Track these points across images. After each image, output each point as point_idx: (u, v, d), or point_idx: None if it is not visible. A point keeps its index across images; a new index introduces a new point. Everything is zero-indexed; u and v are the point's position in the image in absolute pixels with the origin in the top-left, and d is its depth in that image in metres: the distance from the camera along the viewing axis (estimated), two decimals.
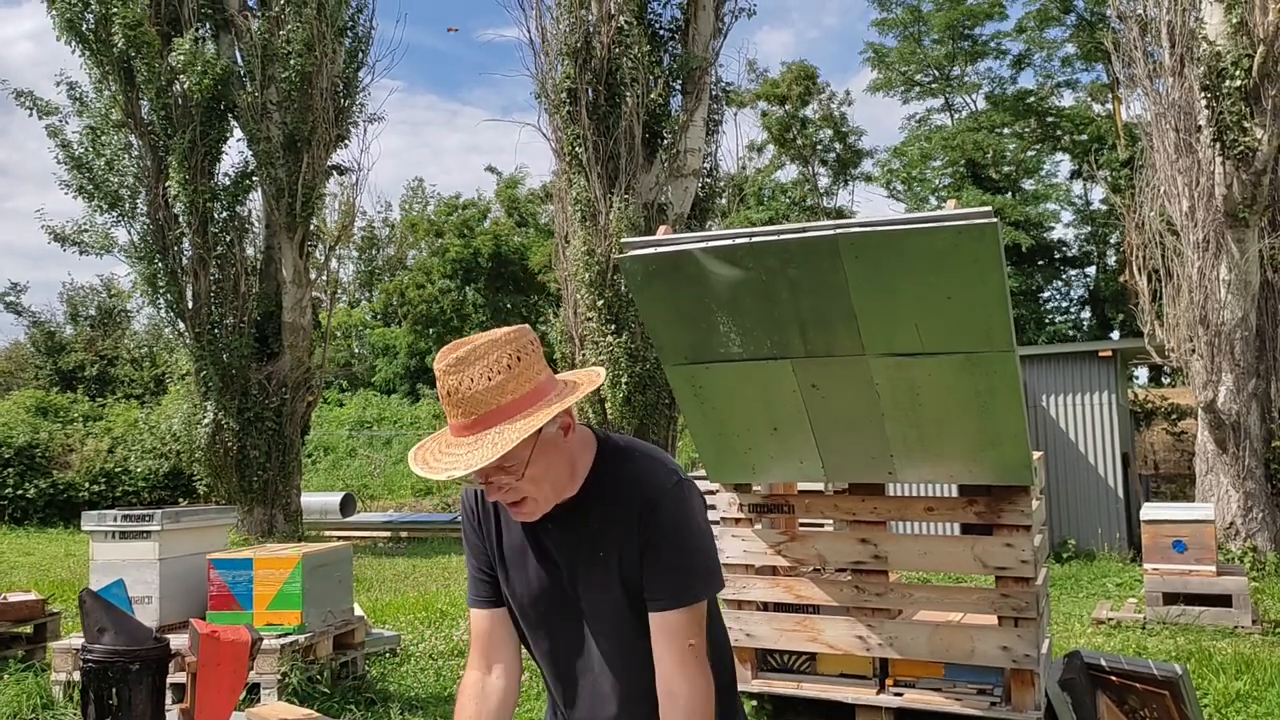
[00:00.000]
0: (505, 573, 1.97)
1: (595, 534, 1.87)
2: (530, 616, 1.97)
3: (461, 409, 1.71)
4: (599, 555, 1.87)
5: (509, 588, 1.97)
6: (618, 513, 1.85)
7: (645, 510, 1.83)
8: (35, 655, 6.80)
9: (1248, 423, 10.85)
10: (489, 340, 1.75)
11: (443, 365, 1.73)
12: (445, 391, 1.73)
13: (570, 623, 1.93)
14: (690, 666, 1.82)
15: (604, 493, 1.88)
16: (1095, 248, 32.35)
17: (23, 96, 16.32)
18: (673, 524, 1.84)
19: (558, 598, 1.92)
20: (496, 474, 1.75)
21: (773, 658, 5.11)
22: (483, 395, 1.70)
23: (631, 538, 1.84)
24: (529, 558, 1.93)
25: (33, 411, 21.34)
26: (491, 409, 1.71)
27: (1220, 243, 10.82)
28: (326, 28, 15.55)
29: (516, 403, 1.72)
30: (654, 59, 14.60)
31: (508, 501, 1.81)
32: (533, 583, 1.93)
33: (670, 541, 1.84)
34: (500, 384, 1.71)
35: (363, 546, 15.31)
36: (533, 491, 1.79)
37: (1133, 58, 11.70)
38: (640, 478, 1.88)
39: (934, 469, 4.52)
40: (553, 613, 1.94)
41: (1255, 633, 7.71)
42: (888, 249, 3.66)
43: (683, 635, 1.83)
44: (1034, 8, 31.34)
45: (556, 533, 1.90)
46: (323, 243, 17.62)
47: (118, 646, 2.40)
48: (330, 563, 6.19)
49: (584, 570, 1.89)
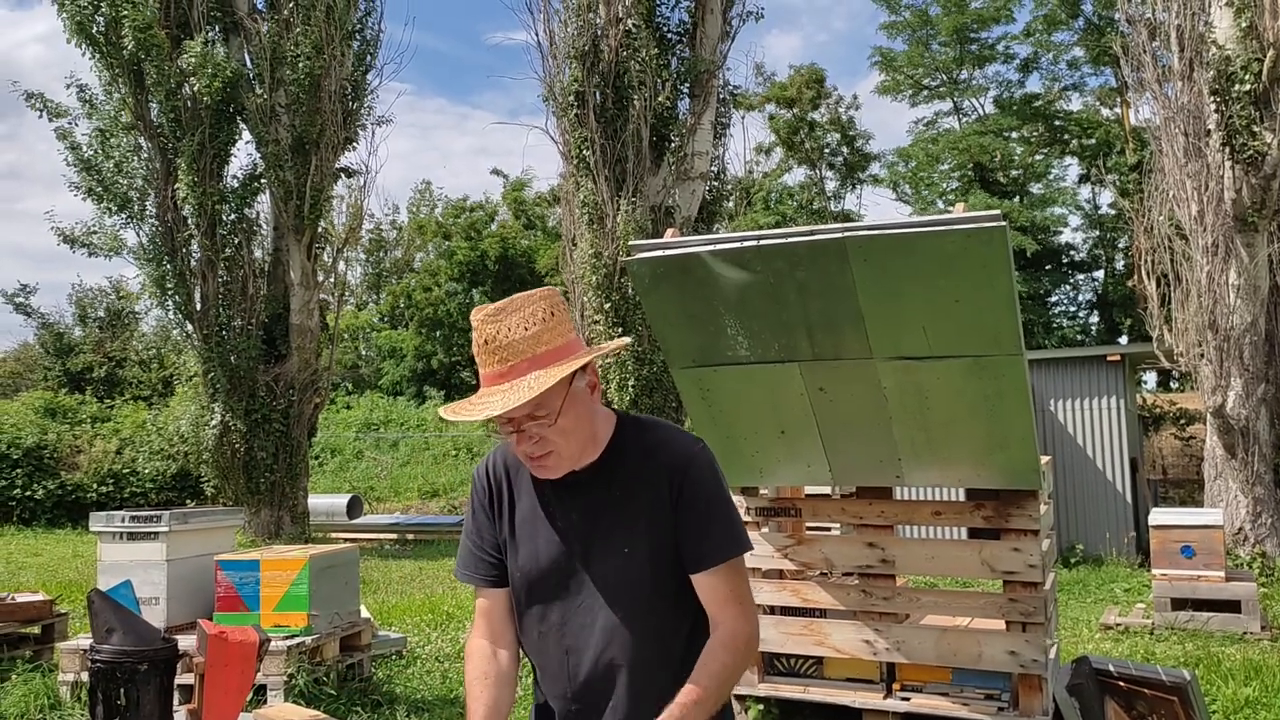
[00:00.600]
0: (514, 546, 1.99)
1: (619, 497, 1.92)
2: (535, 590, 1.97)
3: (498, 355, 1.79)
4: (622, 519, 1.91)
5: (516, 562, 1.98)
6: (644, 475, 1.91)
7: (676, 473, 1.90)
8: (43, 656, 6.82)
9: (1257, 428, 10.81)
10: (525, 295, 1.85)
11: (481, 315, 1.82)
12: (483, 339, 1.81)
13: (577, 595, 1.94)
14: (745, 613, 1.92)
15: (626, 458, 1.93)
16: (1104, 252, 32.28)
17: (33, 98, 16.39)
18: (707, 483, 1.92)
19: (567, 568, 1.94)
20: (528, 421, 1.81)
21: (779, 662, 5.10)
22: (519, 343, 1.79)
23: (661, 499, 1.89)
24: (540, 528, 1.96)
25: (41, 413, 21.41)
26: (528, 357, 1.79)
27: (1229, 247, 10.78)
28: (335, 31, 15.59)
29: (551, 353, 1.81)
30: (662, 62, 14.61)
31: (535, 454, 1.86)
32: (541, 554, 1.95)
33: (708, 500, 1.91)
34: (536, 334, 1.80)
35: (369, 549, 15.33)
36: (560, 444, 1.85)
37: (1141, 62, 11.67)
38: (665, 443, 1.95)
39: (942, 473, 4.51)
40: (560, 585, 1.95)
41: (1264, 639, 7.67)
42: (896, 252, 3.65)
43: (733, 587, 1.91)
44: (1042, 12, 31.30)
45: (576, 498, 1.94)
46: (330, 245, 17.66)
47: (126, 646, 2.40)
48: (337, 565, 6.20)
49: (602, 536, 1.92)
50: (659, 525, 1.90)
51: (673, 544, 1.91)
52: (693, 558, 1.90)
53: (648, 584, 1.91)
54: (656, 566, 1.90)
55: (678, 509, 1.90)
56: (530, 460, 1.88)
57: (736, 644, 1.89)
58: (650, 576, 1.90)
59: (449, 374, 34.93)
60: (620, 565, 1.91)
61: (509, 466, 2.03)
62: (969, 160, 30.80)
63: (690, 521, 1.90)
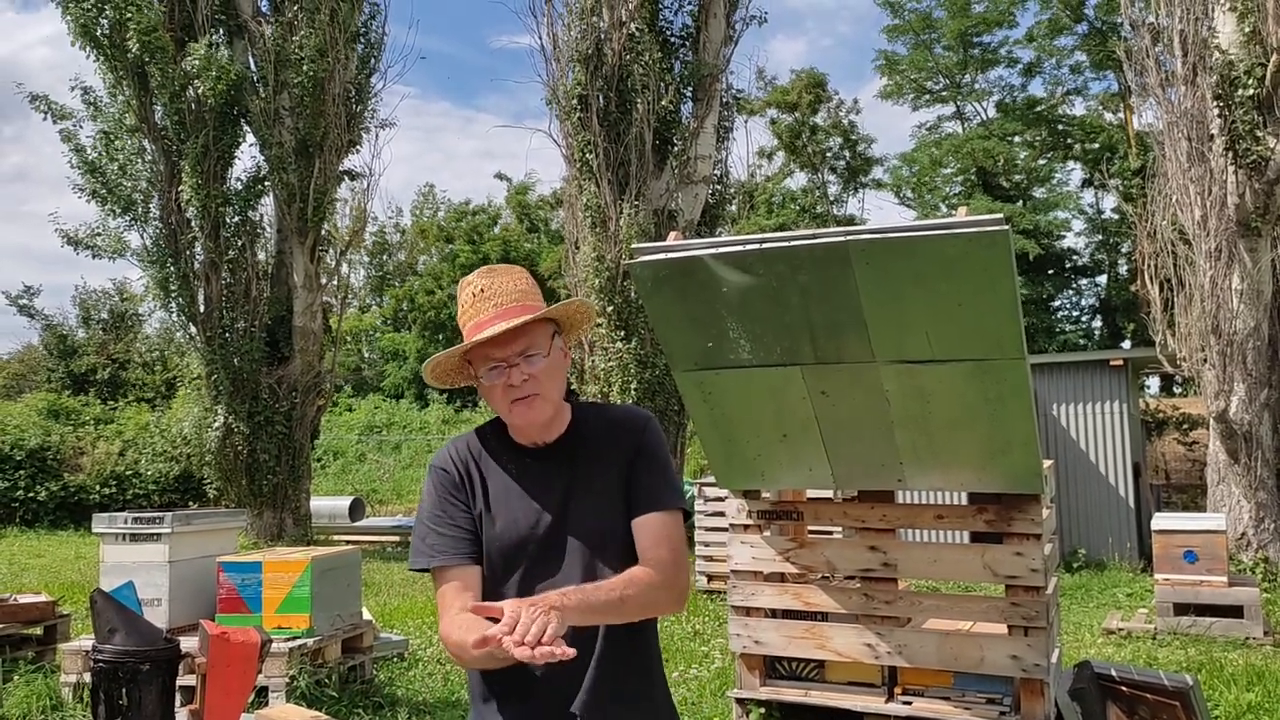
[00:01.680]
0: (490, 520, 2.06)
1: (588, 462, 2.08)
2: (514, 557, 2.04)
3: (493, 301, 2.02)
4: (593, 482, 2.07)
5: (493, 532, 2.05)
6: (609, 441, 2.10)
7: (634, 434, 2.11)
8: (45, 657, 6.82)
9: (1260, 433, 10.79)
10: (507, 265, 2.16)
11: (476, 273, 2.07)
12: (479, 289, 2.03)
13: (556, 558, 2.03)
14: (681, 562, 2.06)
15: (590, 429, 2.12)
16: (1106, 256, 32.27)
17: (38, 100, 16.42)
18: (657, 445, 2.14)
19: (546, 532, 2.04)
20: (522, 357, 1.99)
21: (781, 665, 5.10)
22: (514, 293, 2.04)
23: (626, 454, 2.09)
24: (515, 499, 2.06)
25: (44, 414, 21.45)
26: (521, 304, 2.02)
27: (1233, 252, 10.78)
28: (339, 34, 15.62)
29: (538, 307, 2.05)
30: (665, 66, 14.63)
31: (523, 393, 2.00)
32: (521, 521, 2.05)
33: (657, 459, 2.12)
34: (525, 290, 2.06)
35: (371, 551, 15.34)
36: (546, 386, 2.02)
37: (1145, 66, 11.67)
38: (623, 414, 2.19)
39: (944, 476, 4.51)
40: (539, 549, 2.04)
41: (1267, 644, 7.66)
42: (899, 256, 3.65)
43: (673, 535, 2.06)
44: (1045, 16, 31.31)
45: (547, 467, 2.08)
46: (334, 248, 17.68)
47: (128, 647, 2.40)
48: (339, 567, 6.21)
49: (577, 499, 2.05)
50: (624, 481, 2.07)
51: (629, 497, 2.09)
52: (640, 500, 2.06)
53: (621, 541, 2.04)
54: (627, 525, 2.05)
55: (633, 464, 2.08)
56: (515, 404, 2.01)
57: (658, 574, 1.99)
58: (624, 532, 2.05)
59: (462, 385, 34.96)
60: (598, 521, 2.04)
61: (472, 452, 2.14)
62: (972, 164, 30.81)
63: (641, 472, 2.08)
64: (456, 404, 31.30)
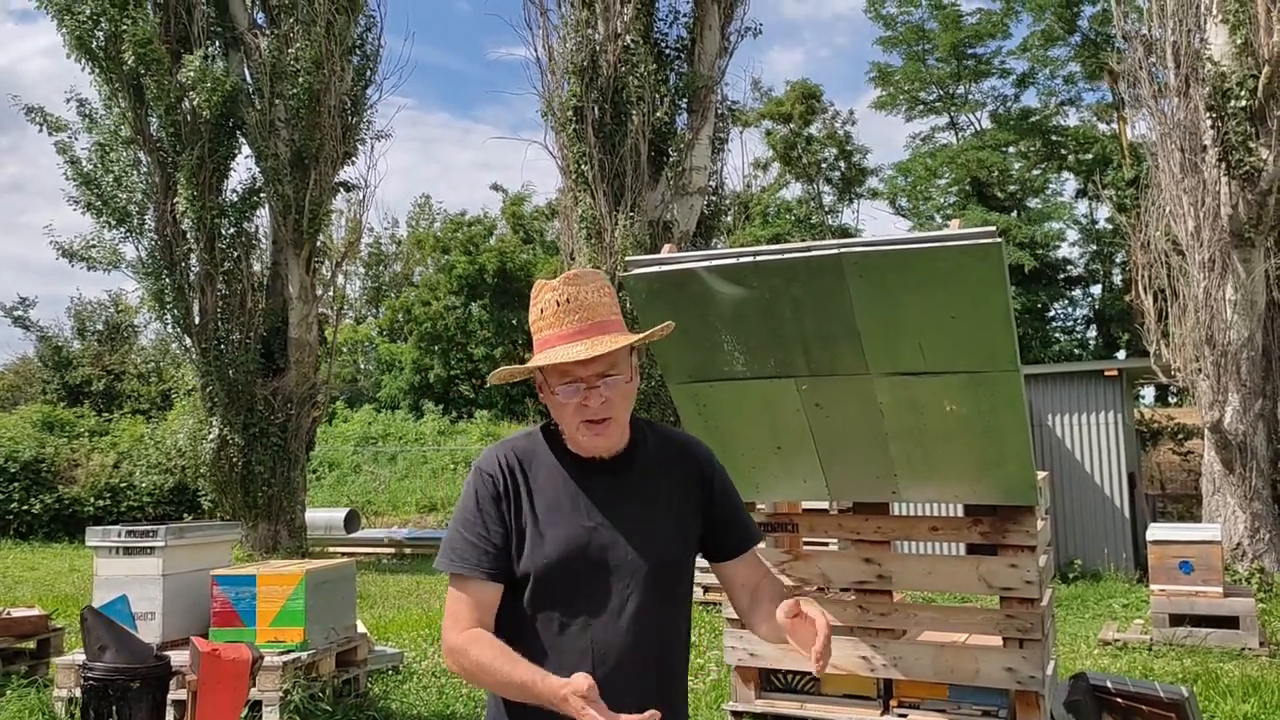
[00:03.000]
0: (538, 534, 1.94)
1: (647, 482, 2.01)
2: (559, 577, 1.93)
3: (579, 314, 1.92)
4: (651, 502, 2.00)
5: (541, 550, 1.93)
6: (667, 461, 2.05)
7: (705, 465, 2.10)
8: (38, 671, 6.79)
9: (1254, 443, 10.81)
10: (590, 270, 2.03)
11: (561, 279, 1.97)
12: (565, 298, 1.93)
13: (602, 582, 1.93)
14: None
15: (650, 449, 2.06)
16: (1101, 267, 32.31)
17: (33, 112, 16.43)
18: (729, 480, 2.14)
19: (596, 554, 1.94)
20: (600, 379, 1.91)
21: (776, 678, 5.08)
22: (599, 306, 1.94)
23: (691, 485, 2.05)
24: (565, 514, 1.96)
25: (39, 426, 21.38)
26: (607, 318, 1.95)
27: (1226, 263, 10.81)
28: (335, 46, 15.64)
29: (618, 322, 1.99)
30: (660, 78, 14.67)
31: (599, 415, 1.93)
32: (571, 539, 1.94)
33: (735, 494, 2.13)
34: (610, 301, 1.98)
35: (366, 563, 15.29)
36: (620, 410, 1.96)
37: (1138, 78, 11.72)
38: (687, 439, 2.16)
39: (938, 489, 4.51)
40: (587, 570, 1.93)
41: (1263, 655, 7.65)
42: (892, 268, 3.66)
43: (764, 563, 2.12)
44: (1039, 28, 31.42)
45: (604, 483, 1.99)
46: (329, 259, 17.68)
47: (119, 664, 2.40)
48: (333, 579, 6.19)
49: (629, 519, 1.97)
50: (686, 507, 2.03)
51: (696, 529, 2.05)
52: (737, 540, 2.08)
53: (675, 565, 2.00)
54: (680, 551, 2.01)
55: (711, 495, 2.06)
56: (588, 426, 1.93)
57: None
58: (676, 558, 2.00)
59: (447, 388, 34.90)
60: (652, 546, 1.96)
61: (522, 459, 2.01)
62: (966, 175, 30.86)
63: (728, 513, 2.08)
64: (451, 415, 31.25)
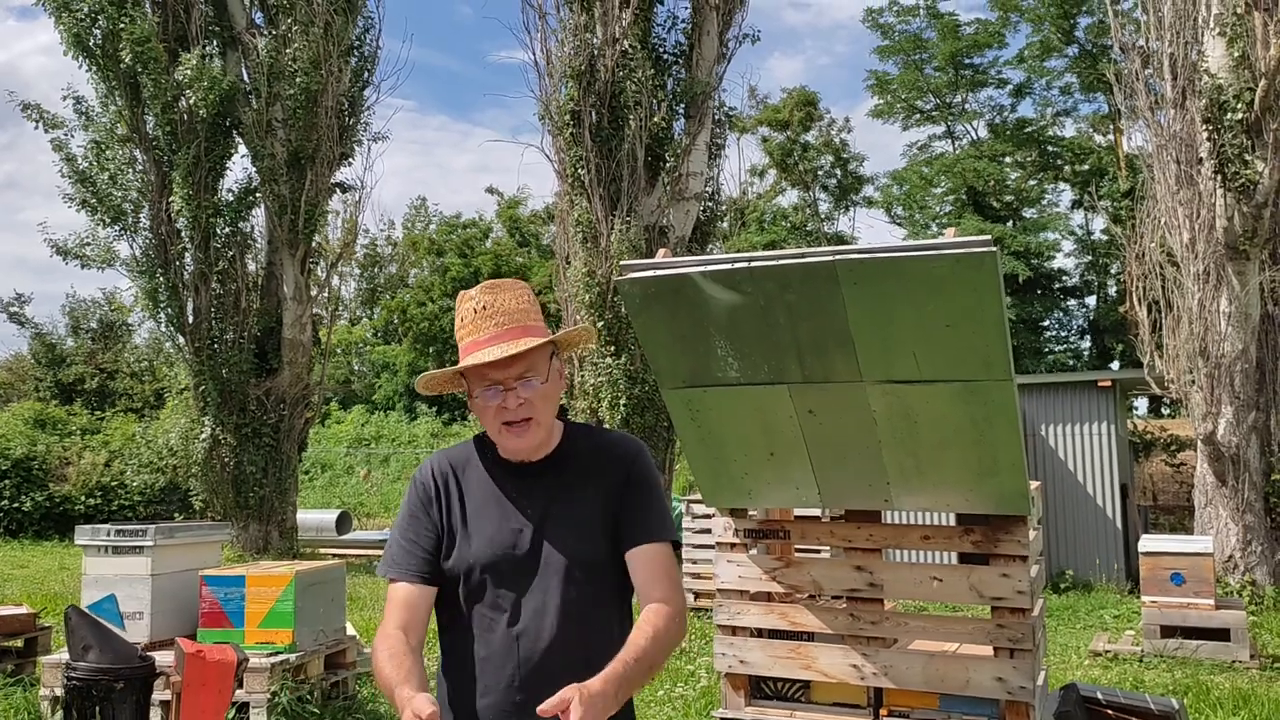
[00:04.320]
0: (465, 536, 2.06)
1: (573, 484, 2.07)
2: (489, 576, 2.03)
3: (495, 320, 2.00)
4: (577, 504, 2.06)
5: (469, 550, 2.04)
6: (597, 465, 2.10)
7: (625, 462, 2.11)
8: (25, 669, 6.76)
9: (1247, 456, 10.82)
10: (511, 280, 2.11)
11: (478, 288, 2.06)
12: (481, 305, 2.02)
13: (531, 578, 2.02)
14: (679, 592, 2.06)
15: (578, 451, 2.12)
16: (1095, 278, 32.39)
17: (29, 109, 16.41)
18: (652, 475, 2.14)
19: (523, 552, 2.03)
20: (517, 381, 1.98)
21: (766, 685, 5.07)
22: (517, 312, 2.02)
23: (612, 486, 2.08)
24: (494, 517, 2.06)
25: (31, 424, 21.32)
26: (523, 325, 2.01)
27: (1221, 275, 10.83)
28: (333, 47, 15.63)
29: (539, 327, 2.05)
30: (657, 83, 14.67)
31: (517, 416, 1.99)
32: (497, 539, 2.04)
33: (652, 489, 2.12)
34: (528, 308, 2.06)
35: (357, 564, 15.24)
36: (540, 410, 2.01)
37: (1134, 89, 11.75)
38: (615, 440, 2.18)
39: (931, 497, 4.49)
40: (514, 569, 2.03)
41: (1253, 668, 7.66)
42: (886, 276, 3.65)
43: (669, 566, 2.06)
44: (1036, 39, 31.52)
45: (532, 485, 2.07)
46: (324, 259, 17.66)
47: (102, 665, 2.38)
48: (323, 581, 6.16)
49: (557, 521, 2.04)
50: (607, 508, 2.06)
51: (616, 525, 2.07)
52: (632, 533, 2.05)
53: (601, 565, 2.04)
54: (604, 550, 2.04)
55: (624, 492, 2.07)
56: (510, 428, 2.00)
57: (667, 612, 2.00)
58: (604, 558, 2.04)
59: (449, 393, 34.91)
60: (575, 546, 2.02)
61: (454, 466, 2.14)
62: (962, 184, 30.92)
63: (634, 503, 2.07)
64: (445, 416, 31.22)
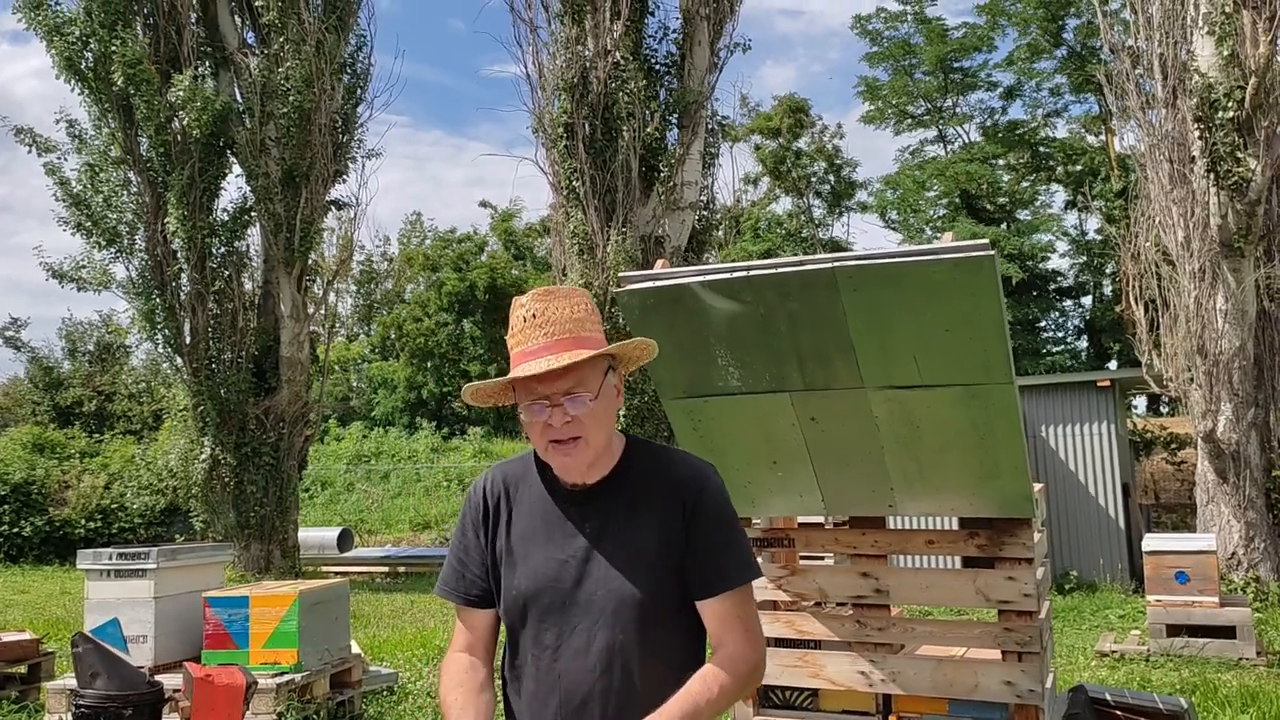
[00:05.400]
0: (511, 563, 1.94)
1: (629, 513, 1.90)
2: (532, 609, 1.91)
3: (544, 330, 1.84)
4: (630, 534, 1.89)
5: (512, 580, 1.93)
6: (656, 491, 1.91)
7: (690, 492, 1.90)
8: (29, 695, 6.73)
9: (1247, 452, 10.82)
10: (570, 288, 1.95)
11: (530, 294, 1.89)
12: (530, 314, 1.86)
13: (574, 614, 1.89)
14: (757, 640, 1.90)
15: (637, 475, 1.93)
16: (1091, 278, 32.43)
17: (22, 133, 16.37)
18: (721, 506, 1.93)
19: (568, 587, 1.89)
20: (566, 397, 1.82)
21: (774, 694, 5.05)
22: (569, 323, 1.85)
23: (673, 517, 1.89)
24: (539, 542, 1.92)
25: (29, 448, 21.26)
26: (575, 335, 1.84)
27: (1216, 272, 10.85)
28: (325, 65, 15.65)
29: (592, 339, 1.87)
30: (650, 94, 14.70)
31: (565, 435, 1.84)
32: (539, 570, 1.91)
33: (721, 524, 1.91)
34: (583, 318, 1.88)
35: (360, 582, 15.20)
36: (590, 430, 1.84)
37: (1125, 90, 11.79)
38: (680, 462, 1.97)
39: (934, 502, 4.49)
40: (558, 603, 1.90)
41: (1260, 665, 7.65)
42: (885, 282, 3.65)
43: (745, 614, 1.90)
44: (1025, 41, 31.62)
45: (584, 511, 1.92)
46: (321, 277, 17.65)
47: (110, 691, 2.37)
48: (327, 600, 6.14)
49: (608, 552, 1.88)
50: (668, 543, 1.88)
51: (679, 564, 1.89)
52: (703, 581, 1.88)
53: (649, 603, 1.86)
54: (661, 585, 1.87)
55: (689, 530, 1.88)
56: (557, 446, 1.85)
57: (736, 667, 1.86)
58: (654, 594, 1.86)
59: (440, 405, 34.84)
60: (623, 583, 1.86)
61: (509, 483, 2.00)
62: (955, 187, 30.98)
63: (701, 544, 1.89)
64: (444, 431, 31.17)
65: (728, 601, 1.89)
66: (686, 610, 1.91)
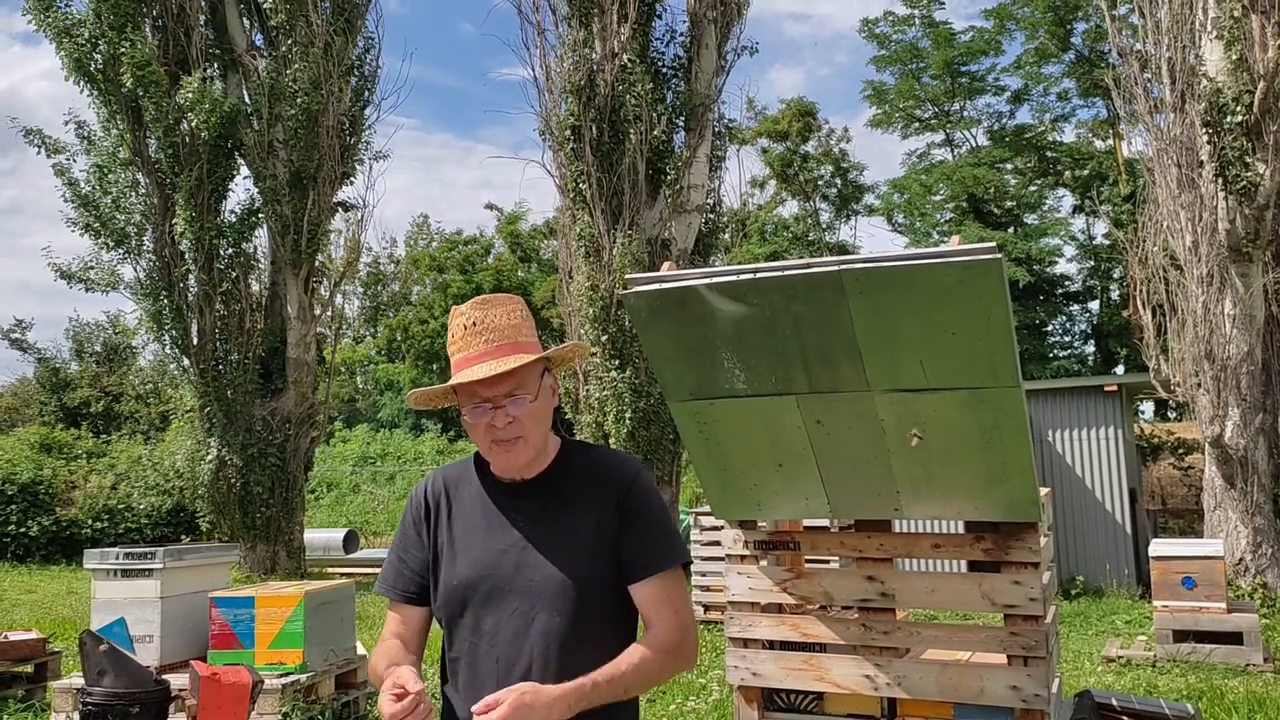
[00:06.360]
0: (452, 555, 2.04)
1: (565, 505, 2.02)
2: (472, 597, 2.01)
3: (485, 336, 1.96)
4: (567, 526, 2.00)
5: (454, 570, 2.03)
6: (591, 485, 2.03)
7: (622, 485, 2.03)
8: (35, 695, 6.75)
9: (1255, 457, 10.79)
10: (504, 294, 2.06)
11: (470, 304, 2.00)
12: (471, 322, 1.98)
13: (513, 601, 1.98)
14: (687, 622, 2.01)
15: (573, 470, 2.06)
16: (1099, 282, 32.35)
17: (31, 134, 16.45)
18: (650, 498, 2.06)
19: (507, 574, 2.00)
20: (507, 399, 1.94)
21: (779, 697, 5.04)
22: (507, 329, 1.98)
23: (606, 509, 2.01)
24: (483, 536, 2.03)
25: (36, 448, 21.32)
26: (513, 341, 1.98)
27: (1224, 277, 10.82)
28: (333, 67, 15.70)
29: (531, 344, 2.01)
30: (657, 96, 14.71)
31: (506, 435, 1.96)
32: (483, 560, 2.01)
33: (649, 515, 2.04)
34: (519, 325, 2.01)
35: (366, 583, 15.20)
36: (530, 429, 1.97)
37: (1133, 94, 11.76)
38: (612, 459, 2.11)
39: (941, 506, 4.48)
40: (497, 590, 2.00)
41: (1267, 671, 7.62)
42: (892, 285, 3.65)
43: (674, 595, 2.01)
44: (1032, 45, 31.58)
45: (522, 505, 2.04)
46: (328, 279, 17.70)
47: (118, 689, 2.37)
48: (333, 600, 6.15)
49: (545, 542, 1.99)
50: (602, 531, 2.00)
51: (613, 551, 2.00)
52: (634, 566, 2.00)
53: (585, 587, 1.97)
54: (595, 571, 1.98)
55: (622, 519, 2.01)
56: (498, 446, 1.97)
57: (663, 643, 1.97)
58: (589, 579, 1.98)
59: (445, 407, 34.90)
60: (559, 571, 1.97)
61: (449, 484, 2.12)
62: (962, 191, 30.93)
63: (633, 532, 2.01)
64: (451, 433, 31.20)
65: (657, 584, 2.00)
66: (620, 597, 2.03)
